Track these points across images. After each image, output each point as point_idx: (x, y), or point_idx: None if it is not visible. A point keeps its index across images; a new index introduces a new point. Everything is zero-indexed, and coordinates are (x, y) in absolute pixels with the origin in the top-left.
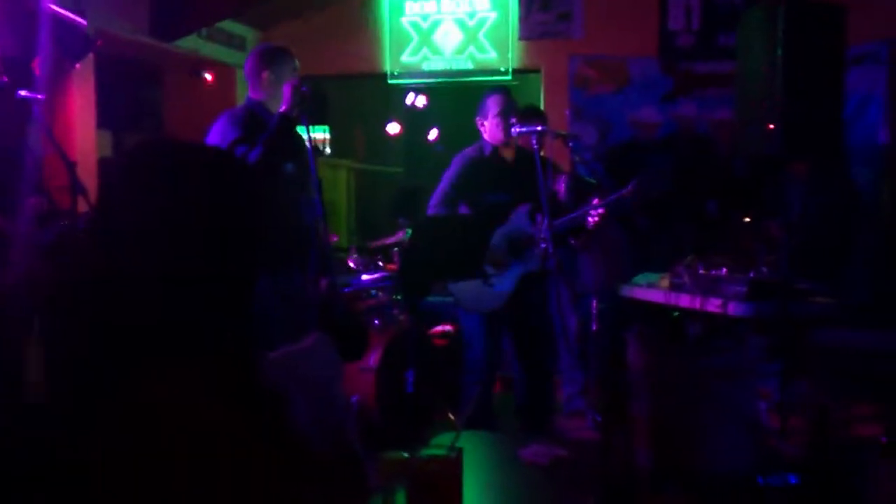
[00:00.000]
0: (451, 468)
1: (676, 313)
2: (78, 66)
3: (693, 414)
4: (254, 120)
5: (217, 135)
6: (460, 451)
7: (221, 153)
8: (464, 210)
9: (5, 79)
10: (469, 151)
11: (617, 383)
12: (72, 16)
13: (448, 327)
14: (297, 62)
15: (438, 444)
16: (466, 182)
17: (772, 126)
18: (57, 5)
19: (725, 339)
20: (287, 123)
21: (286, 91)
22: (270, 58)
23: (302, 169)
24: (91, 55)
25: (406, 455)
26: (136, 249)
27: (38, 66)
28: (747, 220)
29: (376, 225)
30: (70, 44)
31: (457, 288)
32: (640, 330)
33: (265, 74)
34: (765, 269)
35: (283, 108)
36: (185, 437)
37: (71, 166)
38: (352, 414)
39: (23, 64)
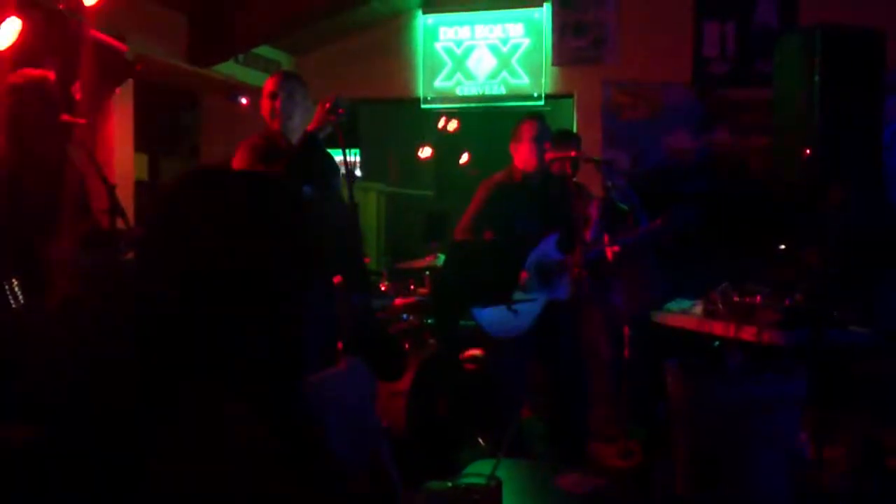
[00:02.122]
0: (492, 498)
1: (717, 343)
2: (118, 90)
3: (733, 444)
4: (271, 145)
5: (238, 162)
6: (500, 480)
7: (265, 178)
8: (490, 236)
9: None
10: (499, 177)
11: (656, 412)
12: (112, 41)
13: (479, 352)
14: (305, 89)
15: (475, 473)
16: (496, 208)
17: (808, 152)
18: (98, 31)
19: (765, 368)
20: (311, 144)
21: (317, 111)
22: (281, 86)
23: (324, 191)
24: (130, 80)
25: (449, 484)
26: (186, 274)
27: (78, 91)
28: (783, 247)
29: (406, 248)
30: (110, 68)
31: (481, 313)
32: (681, 361)
33: (277, 102)
34: (800, 297)
35: (309, 128)
36: (226, 458)
37: (111, 189)
38: (386, 438)
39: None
